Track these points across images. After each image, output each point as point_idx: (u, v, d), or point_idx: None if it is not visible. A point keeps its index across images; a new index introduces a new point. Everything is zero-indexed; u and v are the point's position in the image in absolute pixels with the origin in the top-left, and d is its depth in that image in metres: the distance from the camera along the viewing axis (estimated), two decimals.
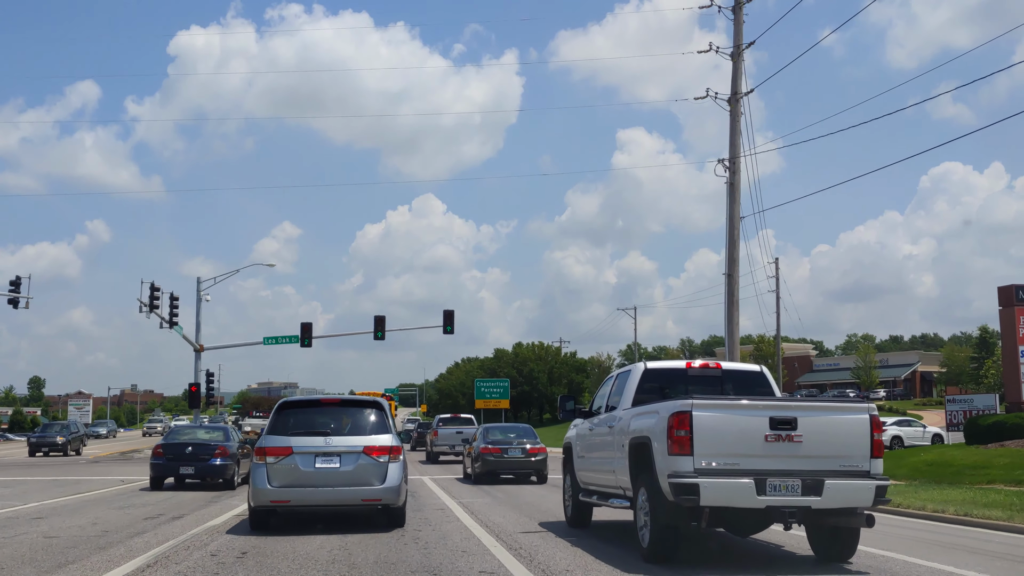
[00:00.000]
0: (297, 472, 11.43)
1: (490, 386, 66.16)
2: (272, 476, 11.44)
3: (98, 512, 14.47)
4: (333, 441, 11.65)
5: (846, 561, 9.08)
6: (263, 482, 11.45)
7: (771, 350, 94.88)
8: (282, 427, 11.93)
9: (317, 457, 11.49)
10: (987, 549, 10.52)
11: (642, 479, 9.17)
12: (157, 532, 11.58)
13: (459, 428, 32.98)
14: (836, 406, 9.01)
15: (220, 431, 22.21)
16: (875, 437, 8.67)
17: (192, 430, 23.13)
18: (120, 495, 18.50)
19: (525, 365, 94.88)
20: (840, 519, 8.73)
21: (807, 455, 8.52)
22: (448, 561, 8.89)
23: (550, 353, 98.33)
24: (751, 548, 10.28)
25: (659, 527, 8.80)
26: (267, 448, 11.60)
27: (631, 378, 10.54)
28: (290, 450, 11.51)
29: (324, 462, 11.48)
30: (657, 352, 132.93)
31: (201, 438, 21.32)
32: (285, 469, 11.44)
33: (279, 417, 12.15)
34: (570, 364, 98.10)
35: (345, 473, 11.47)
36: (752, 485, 8.35)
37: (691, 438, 8.44)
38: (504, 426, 25.44)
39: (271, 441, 11.69)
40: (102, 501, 16.85)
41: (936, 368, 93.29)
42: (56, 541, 10.68)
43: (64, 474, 26.42)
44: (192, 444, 20.77)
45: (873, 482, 8.52)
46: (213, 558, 9.26)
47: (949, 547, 10.57)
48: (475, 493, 18.76)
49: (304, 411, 12.58)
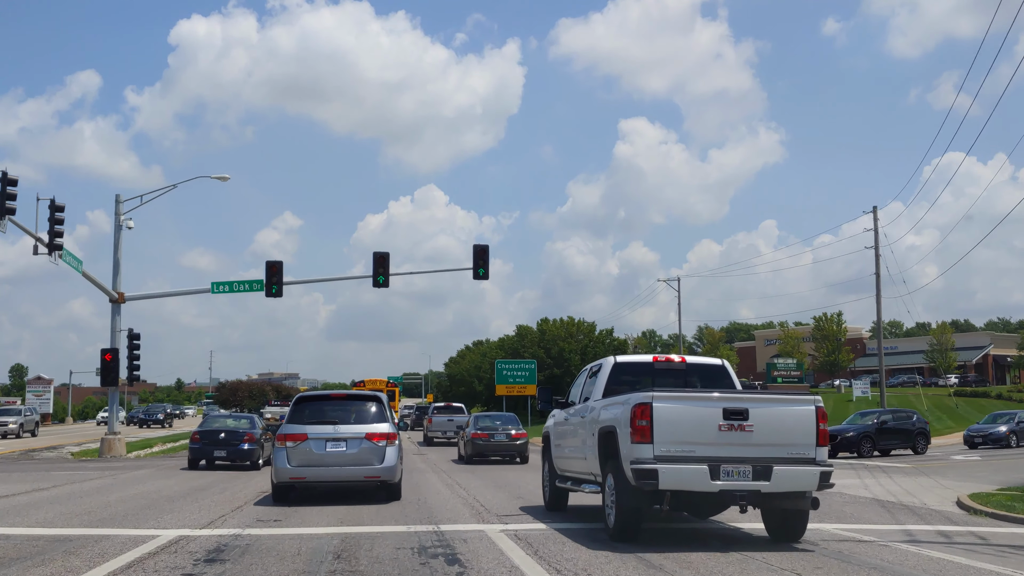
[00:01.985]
0: (311, 454, 13.65)
1: (513, 369, 56.06)
2: (291, 457, 13.67)
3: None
4: (341, 429, 13.87)
5: (796, 541, 9.60)
6: (283, 462, 13.69)
7: (834, 330, 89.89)
8: (298, 417, 14.15)
9: (327, 442, 13.70)
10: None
11: (609, 465, 9.75)
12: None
13: (450, 416, 38.31)
14: (785, 398, 9.52)
15: (247, 420, 24.70)
16: (820, 427, 9.19)
17: (223, 418, 25.37)
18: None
19: (554, 344, 79.28)
20: (788, 502, 9.27)
21: (757, 443, 9.06)
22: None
23: (582, 330, 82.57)
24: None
25: (623, 509, 9.39)
26: (287, 435, 13.87)
27: (602, 371, 11.15)
28: (305, 436, 13.74)
29: (333, 446, 13.69)
30: (699, 334, 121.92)
31: (231, 426, 23.79)
32: (301, 452, 13.67)
33: (296, 409, 14.40)
34: (607, 344, 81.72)
35: (351, 455, 13.66)
36: (706, 471, 8.91)
37: (651, 427, 9.02)
38: (491, 415, 28.94)
39: (290, 429, 13.94)
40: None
41: (1012, 351, 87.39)
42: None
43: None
44: (224, 431, 23.13)
45: (818, 468, 9.05)
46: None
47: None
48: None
49: (317, 404, 14.70)
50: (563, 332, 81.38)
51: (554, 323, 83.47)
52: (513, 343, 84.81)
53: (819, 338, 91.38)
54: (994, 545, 10.00)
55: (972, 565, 8.38)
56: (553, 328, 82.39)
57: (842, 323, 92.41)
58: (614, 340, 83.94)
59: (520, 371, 55.68)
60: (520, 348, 79.77)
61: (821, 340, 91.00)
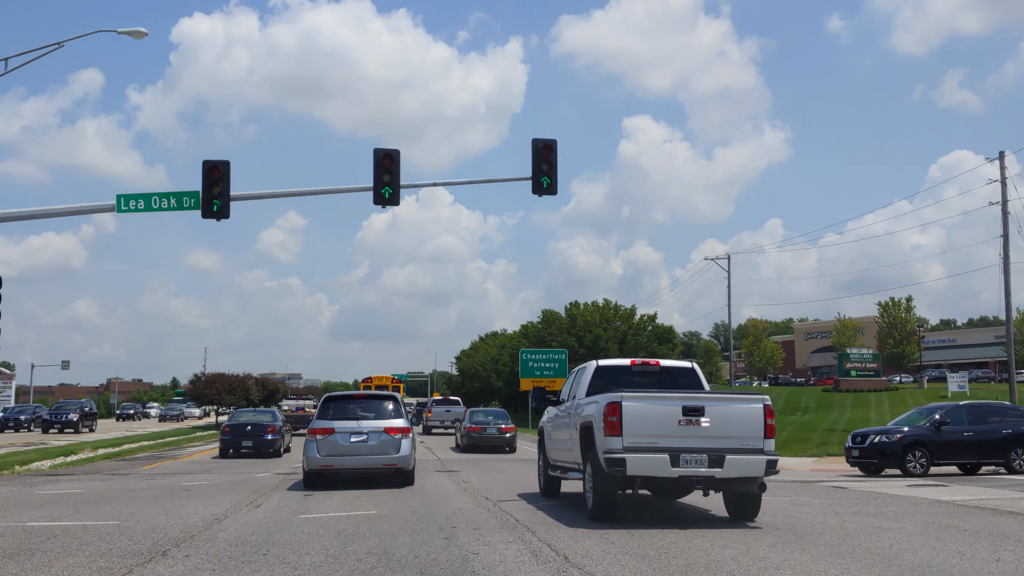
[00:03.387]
0: (337, 445, 15.50)
1: (541, 360, 49.08)
2: (320, 448, 15.55)
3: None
4: (363, 424, 15.80)
5: (751, 520, 10.93)
6: (314, 453, 15.55)
7: (902, 317, 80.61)
8: (326, 414, 16.18)
9: (351, 435, 15.59)
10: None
11: (588, 455, 11.13)
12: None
13: (448, 408, 42.70)
14: (737, 397, 10.88)
15: (269, 414, 27.47)
16: (768, 422, 10.52)
17: (249, 413, 28.11)
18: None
19: (587, 332, 68.54)
20: (740, 486, 10.62)
21: (712, 436, 10.40)
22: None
23: (620, 316, 71.96)
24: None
25: (599, 492, 10.77)
26: (316, 429, 15.76)
27: (586, 373, 12.55)
28: (332, 430, 15.64)
29: (356, 438, 15.58)
30: (745, 325, 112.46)
31: (256, 419, 26.30)
32: (329, 443, 15.53)
33: (324, 407, 16.46)
34: (649, 332, 71.03)
35: (371, 446, 15.55)
36: (667, 459, 10.27)
37: (620, 423, 10.39)
38: (484, 410, 32.35)
39: (319, 424, 15.83)
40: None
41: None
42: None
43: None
44: (251, 424, 25.64)
45: (765, 457, 10.39)
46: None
47: None
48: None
49: (342, 402, 16.59)
50: (597, 317, 70.45)
51: (586, 307, 72.25)
52: (538, 331, 73.68)
53: (885, 326, 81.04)
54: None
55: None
56: (585, 313, 71.43)
57: (911, 308, 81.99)
58: (658, 327, 72.01)
59: (549, 362, 48.66)
60: (547, 336, 69.64)
61: (887, 328, 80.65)
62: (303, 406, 47.97)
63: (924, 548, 8.86)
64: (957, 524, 10.78)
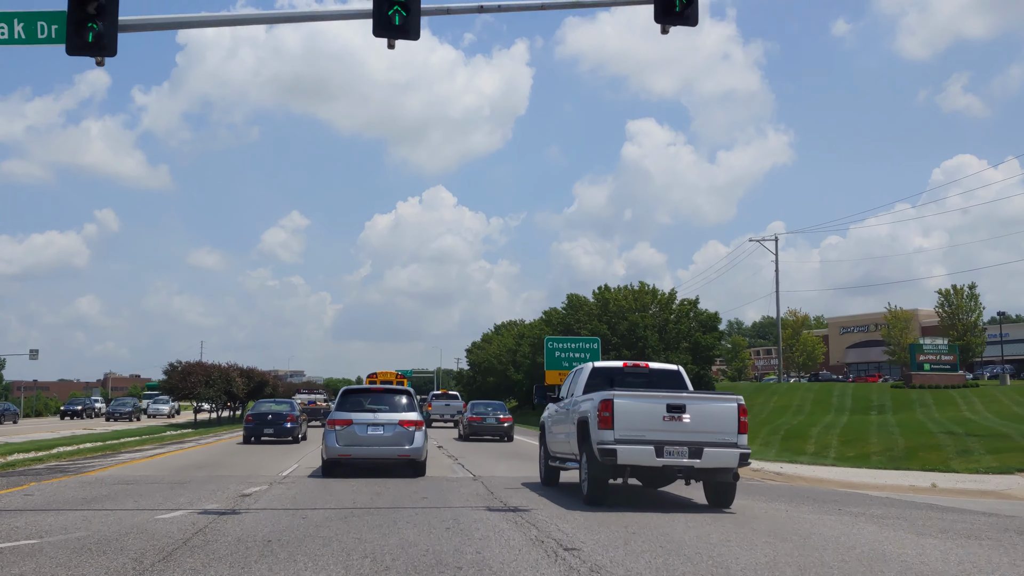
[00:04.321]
0: (355, 436, 16.41)
1: (570, 349, 42.02)
2: (339, 439, 16.43)
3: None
4: (379, 416, 16.71)
5: (727, 507, 12.25)
6: (333, 442, 16.44)
7: (967, 306, 71.44)
8: (344, 406, 16.98)
9: (368, 426, 16.50)
10: None
11: (584, 447, 12.47)
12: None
13: (447, 402, 45.78)
14: (715, 397, 12.23)
15: (287, 404, 30.04)
16: (742, 420, 11.85)
17: (269, 404, 30.22)
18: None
19: (620, 319, 59.70)
20: (717, 475, 11.95)
21: (692, 431, 11.73)
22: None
23: (659, 301, 62.48)
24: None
25: (593, 480, 12.11)
26: (336, 420, 16.66)
27: (583, 373, 13.91)
28: (351, 422, 16.53)
29: (373, 430, 16.49)
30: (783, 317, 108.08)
31: (276, 410, 28.59)
32: (347, 434, 16.42)
33: (343, 399, 17.37)
34: (691, 316, 61.11)
35: (387, 437, 16.44)
36: (652, 450, 11.62)
37: (612, 417, 11.74)
38: (484, 402, 35.08)
39: (338, 415, 16.70)
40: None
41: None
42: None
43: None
44: (271, 413, 28.04)
45: (738, 450, 11.73)
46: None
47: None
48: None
49: (360, 395, 17.67)
50: (631, 303, 61.11)
51: (618, 291, 63.17)
52: (563, 318, 64.14)
53: (947, 316, 72.02)
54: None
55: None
56: (618, 297, 62.21)
57: (976, 297, 72.09)
58: (701, 313, 61.40)
59: (580, 351, 41.78)
60: (573, 324, 60.39)
61: (948, 319, 71.88)
62: (315, 400, 51.88)
63: None
64: None
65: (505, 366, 76.95)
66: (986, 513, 12.64)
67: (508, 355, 77.04)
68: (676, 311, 61.62)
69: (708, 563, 7.89)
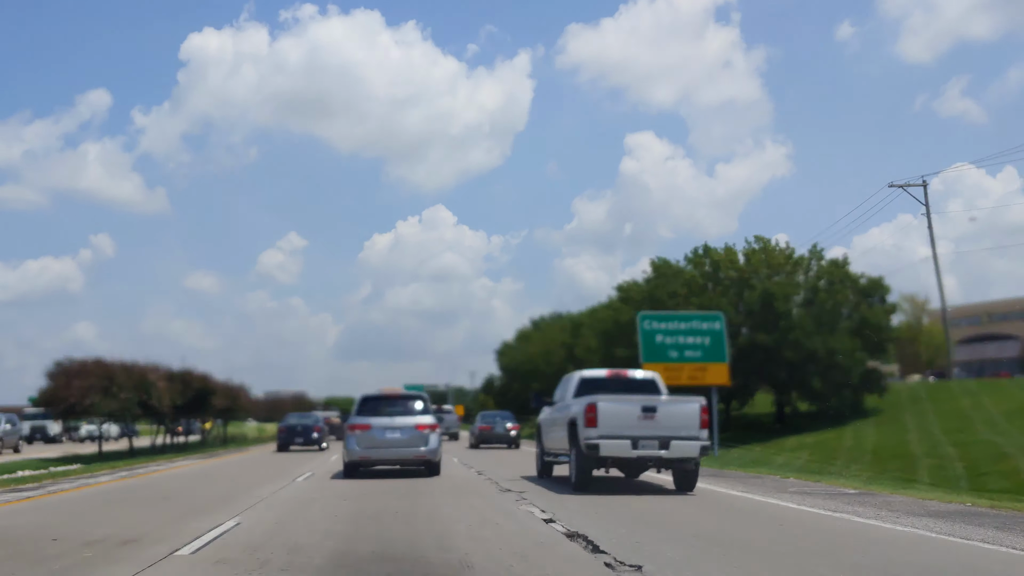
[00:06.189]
0: (374, 439, 17.44)
1: (677, 330, 28.74)
2: (359, 442, 17.50)
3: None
4: (396, 420, 17.71)
5: (690, 491, 14.41)
6: (353, 446, 17.56)
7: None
8: (364, 411, 18.10)
9: (386, 430, 17.52)
10: None
11: (573, 443, 14.65)
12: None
13: (441, 416, 51.57)
14: (681, 399, 14.44)
15: (312, 419, 34.00)
16: (703, 418, 14.06)
17: (296, 417, 34.20)
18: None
19: (744, 288, 37.86)
20: (682, 464, 14.12)
21: (662, 427, 13.90)
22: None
23: (801, 263, 38.94)
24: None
25: (579, 469, 14.31)
26: (356, 425, 17.69)
27: (572, 381, 16.17)
28: (370, 426, 17.52)
29: (391, 433, 17.52)
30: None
31: (303, 423, 32.68)
32: (367, 437, 17.47)
33: (363, 405, 18.21)
34: (845, 281, 37.59)
35: (404, 439, 17.52)
36: (629, 444, 13.81)
37: (596, 418, 13.96)
38: (493, 412, 38.52)
39: (357, 420, 17.71)
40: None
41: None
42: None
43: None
44: (300, 425, 32.18)
45: (699, 443, 13.91)
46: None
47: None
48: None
49: (378, 402, 18.72)
50: (758, 264, 38.89)
51: (728, 252, 40.19)
52: (649, 292, 40.28)
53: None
54: None
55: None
56: (730, 261, 39.68)
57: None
58: (857, 278, 37.85)
59: (691, 333, 28.82)
60: (665, 299, 37.62)
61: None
62: (328, 416, 54.89)
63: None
64: None
65: (556, 365, 54.54)
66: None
67: (562, 350, 56.53)
68: (825, 275, 38.64)
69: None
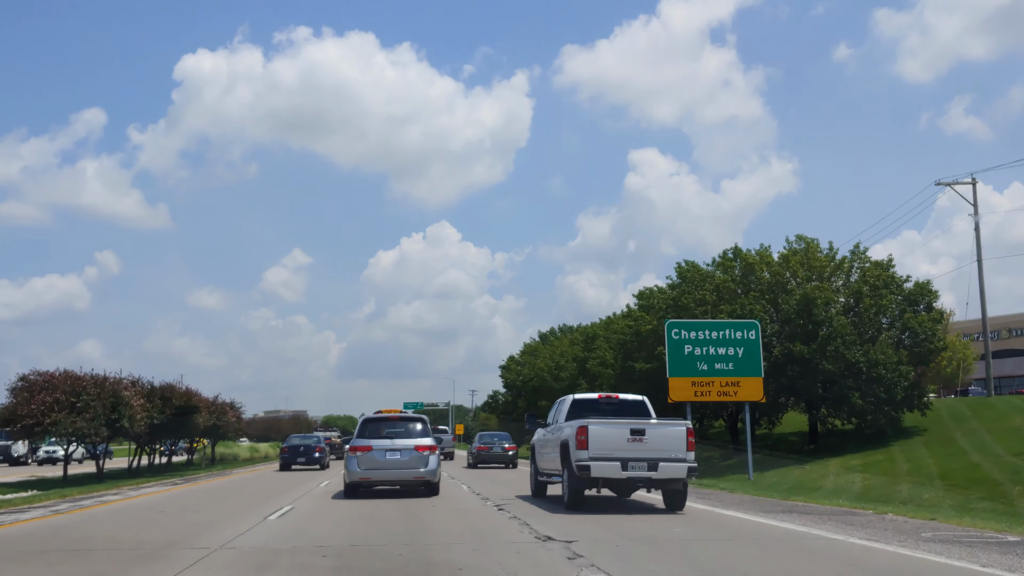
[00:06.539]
0: (375, 460, 17.93)
1: (708, 340, 26.28)
2: (360, 463, 17.99)
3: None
4: (396, 442, 18.26)
5: (680, 510, 14.97)
6: (354, 467, 18.01)
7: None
8: (365, 433, 18.68)
9: (387, 451, 18.06)
10: None
11: (565, 464, 15.25)
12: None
13: (439, 436, 52.22)
14: (668, 422, 15.04)
15: (315, 439, 35.04)
16: (689, 440, 14.66)
17: (298, 438, 35.15)
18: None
19: (781, 293, 35.64)
20: (670, 484, 14.70)
21: (651, 449, 14.51)
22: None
23: (842, 267, 36.65)
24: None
25: (571, 489, 14.88)
26: (356, 446, 18.23)
27: (565, 404, 16.78)
28: (371, 448, 18.06)
29: (391, 455, 18.03)
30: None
31: (306, 443, 33.75)
32: (368, 459, 17.97)
33: (364, 427, 18.83)
34: (890, 285, 34.93)
35: (404, 461, 18.01)
36: (619, 465, 14.40)
37: (587, 440, 14.55)
38: (491, 433, 39.18)
39: (359, 442, 18.26)
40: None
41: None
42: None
43: None
44: (303, 445, 33.27)
45: (686, 464, 14.50)
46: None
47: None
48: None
49: (379, 424, 19.33)
50: (797, 267, 36.20)
51: (761, 254, 37.88)
52: (674, 299, 37.72)
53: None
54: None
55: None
56: (763, 262, 37.26)
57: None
58: (901, 282, 35.61)
59: (723, 343, 26.44)
60: (692, 306, 35.70)
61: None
62: (329, 436, 56.09)
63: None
64: None
65: (566, 381, 53.94)
66: None
67: (573, 364, 54.31)
68: (869, 279, 35.47)
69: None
